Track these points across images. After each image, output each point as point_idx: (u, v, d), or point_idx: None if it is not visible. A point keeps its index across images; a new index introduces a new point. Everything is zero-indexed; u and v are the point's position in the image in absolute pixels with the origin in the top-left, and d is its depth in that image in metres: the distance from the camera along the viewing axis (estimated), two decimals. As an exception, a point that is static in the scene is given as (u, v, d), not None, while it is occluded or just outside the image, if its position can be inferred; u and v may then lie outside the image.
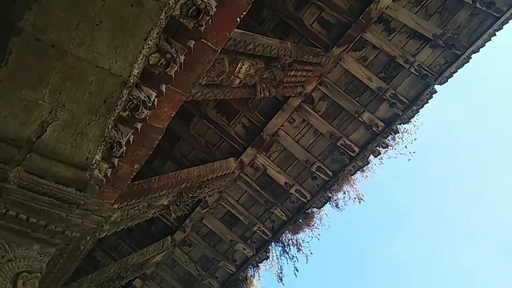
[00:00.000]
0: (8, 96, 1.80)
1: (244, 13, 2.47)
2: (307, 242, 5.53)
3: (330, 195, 5.30)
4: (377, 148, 5.03)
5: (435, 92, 4.75)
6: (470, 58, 4.56)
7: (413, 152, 5.07)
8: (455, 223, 20.30)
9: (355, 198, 5.28)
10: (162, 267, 5.91)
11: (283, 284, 5.49)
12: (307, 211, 5.46)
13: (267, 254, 5.60)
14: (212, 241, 5.74)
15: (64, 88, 1.86)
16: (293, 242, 5.56)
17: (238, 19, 2.46)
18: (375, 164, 5.24)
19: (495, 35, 4.38)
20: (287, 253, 5.52)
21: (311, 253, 5.51)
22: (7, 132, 1.86)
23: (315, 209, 5.47)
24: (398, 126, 4.90)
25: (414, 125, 4.93)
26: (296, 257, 5.49)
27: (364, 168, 5.22)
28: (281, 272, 5.51)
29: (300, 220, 5.48)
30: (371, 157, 5.12)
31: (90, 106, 1.95)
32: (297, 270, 5.47)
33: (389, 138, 4.95)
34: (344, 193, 5.30)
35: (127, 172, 3.32)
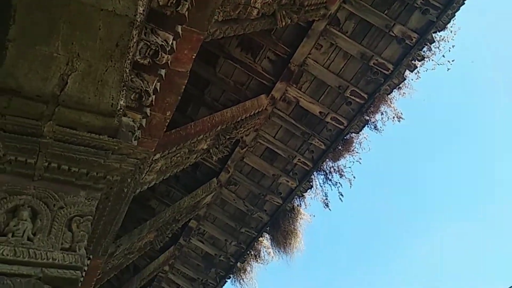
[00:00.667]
0: (24, 54, 1.85)
1: None
2: (349, 167, 5.53)
3: (368, 117, 5.16)
4: (413, 62, 4.74)
5: (473, -11, 4.29)
6: None
7: (452, 61, 4.74)
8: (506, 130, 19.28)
9: (393, 117, 5.11)
10: (213, 207, 6.22)
11: (329, 209, 5.62)
12: (345, 137, 5.40)
13: (310, 183, 5.69)
14: (256, 178, 5.90)
15: (75, 38, 1.88)
16: (334, 169, 5.59)
17: None
18: (412, 80, 4.98)
19: None
20: (330, 180, 5.58)
21: (354, 177, 5.53)
22: (31, 89, 1.94)
23: (353, 134, 5.39)
24: (433, 34, 4.54)
25: (451, 31, 4.55)
26: (339, 183, 5.55)
27: (401, 85, 4.98)
28: (326, 199, 5.62)
29: (340, 147, 5.45)
30: (407, 72, 4.85)
31: (103, 52, 1.96)
32: (341, 195, 5.54)
33: (425, 49, 4.62)
34: (382, 114, 5.14)
35: (161, 120, 3.40)
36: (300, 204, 5.97)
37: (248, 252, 6.34)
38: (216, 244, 6.48)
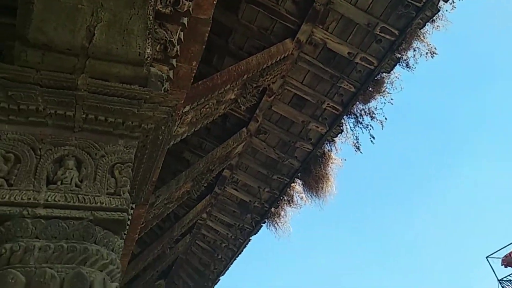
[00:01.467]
0: (50, 7, 1.87)
1: None
2: (380, 109, 5.41)
3: (399, 55, 4.94)
4: (448, -10, 4.41)
5: None
6: None
7: (492, -15, 4.36)
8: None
9: (427, 53, 4.87)
10: (245, 156, 6.34)
11: (361, 152, 5.60)
12: (376, 78, 5.23)
13: (341, 128, 5.64)
14: (285, 125, 5.91)
15: (97, -14, 1.87)
16: (365, 112, 5.49)
17: None
18: (446, 11, 4.66)
19: None
20: (361, 123, 5.50)
21: (386, 118, 5.42)
22: (61, 43, 1.98)
23: (384, 74, 5.21)
24: (472, -44, 4.17)
25: (492, -49, 4.16)
26: (370, 125, 5.47)
27: (434, 18, 4.69)
28: (357, 142, 5.58)
29: (370, 89, 5.30)
30: (441, 3, 4.54)
31: (126, 0, 1.95)
32: (373, 138, 5.48)
33: (461, -26, 4.28)
34: (414, 50, 4.90)
35: (187, 71, 3.41)
36: (331, 149, 5.97)
37: (281, 197, 6.51)
38: (250, 191, 6.68)
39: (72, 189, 2.01)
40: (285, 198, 6.51)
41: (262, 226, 6.80)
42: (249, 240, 7.02)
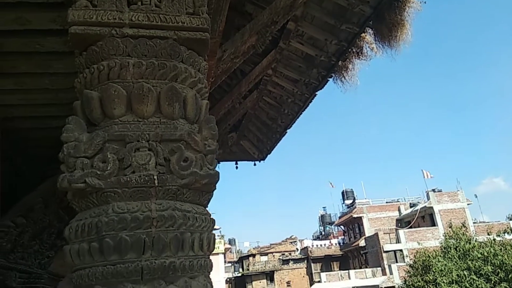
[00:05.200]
0: None
1: None
2: None
3: None
4: None
5: None
6: None
7: None
8: None
9: None
10: (310, 5, 5.89)
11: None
12: None
13: (424, -39, 4.88)
14: (357, -36, 5.24)
15: None
16: None
17: None
18: None
19: None
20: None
21: None
22: None
23: None
24: None
25: None
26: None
27: None
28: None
29: None
30: None
31: None
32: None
33: None
34: None
35: None
36: (411, -7, 5.29)
37: (349, 49, 6.18)
38: (316, 44, 6.40)
39: (153, 9, 2.00)
40: (354, 50, 6.17)
41: (328, 80, 6.66)
42: (315, 95, 6.99)
